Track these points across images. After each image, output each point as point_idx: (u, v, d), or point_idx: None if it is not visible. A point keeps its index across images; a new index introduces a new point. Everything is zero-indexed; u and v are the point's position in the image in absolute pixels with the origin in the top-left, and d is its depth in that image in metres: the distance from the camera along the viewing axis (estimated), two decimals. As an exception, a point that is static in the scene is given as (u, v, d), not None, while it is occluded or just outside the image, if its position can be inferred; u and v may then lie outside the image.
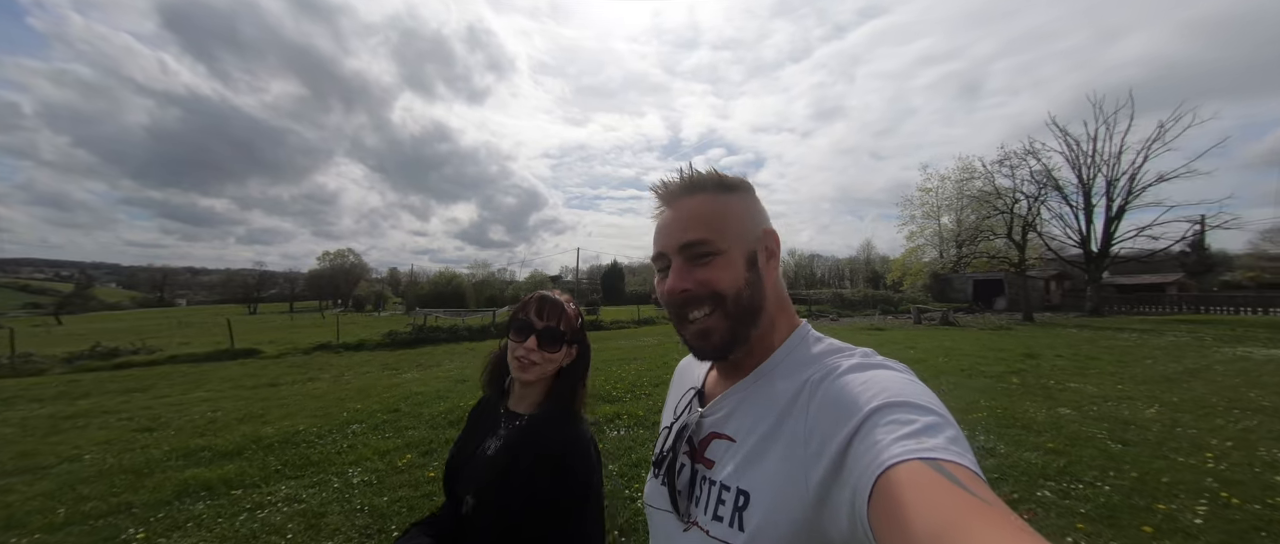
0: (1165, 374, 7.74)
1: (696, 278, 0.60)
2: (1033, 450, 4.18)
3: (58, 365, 10.30)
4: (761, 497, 0.53)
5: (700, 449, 0.64)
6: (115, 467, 4.04)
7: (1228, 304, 22.09)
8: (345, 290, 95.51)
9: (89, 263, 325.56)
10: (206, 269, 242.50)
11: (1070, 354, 9.95)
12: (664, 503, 0.65)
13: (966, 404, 5.78)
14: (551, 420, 1.03)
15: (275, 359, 11.83)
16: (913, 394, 0.47)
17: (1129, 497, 3.31)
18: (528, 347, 1.01)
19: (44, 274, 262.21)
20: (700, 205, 0.62)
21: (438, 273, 66.31)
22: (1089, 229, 22.17)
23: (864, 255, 75.51)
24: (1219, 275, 37.04)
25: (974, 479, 0.37)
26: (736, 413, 0.62)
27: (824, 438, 0.49)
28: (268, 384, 8.27)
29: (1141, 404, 5.76)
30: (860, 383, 0.51)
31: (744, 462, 0.57)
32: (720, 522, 0.56)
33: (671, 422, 0.72)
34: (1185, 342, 11.87)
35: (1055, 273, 28.92)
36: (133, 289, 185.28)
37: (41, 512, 3.23)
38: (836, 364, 0.56)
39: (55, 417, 6.03)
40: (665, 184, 0.64)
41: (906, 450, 0.40)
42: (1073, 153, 22.10)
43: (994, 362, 9.03)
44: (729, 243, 0.60)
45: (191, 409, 6.32)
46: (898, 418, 0.44)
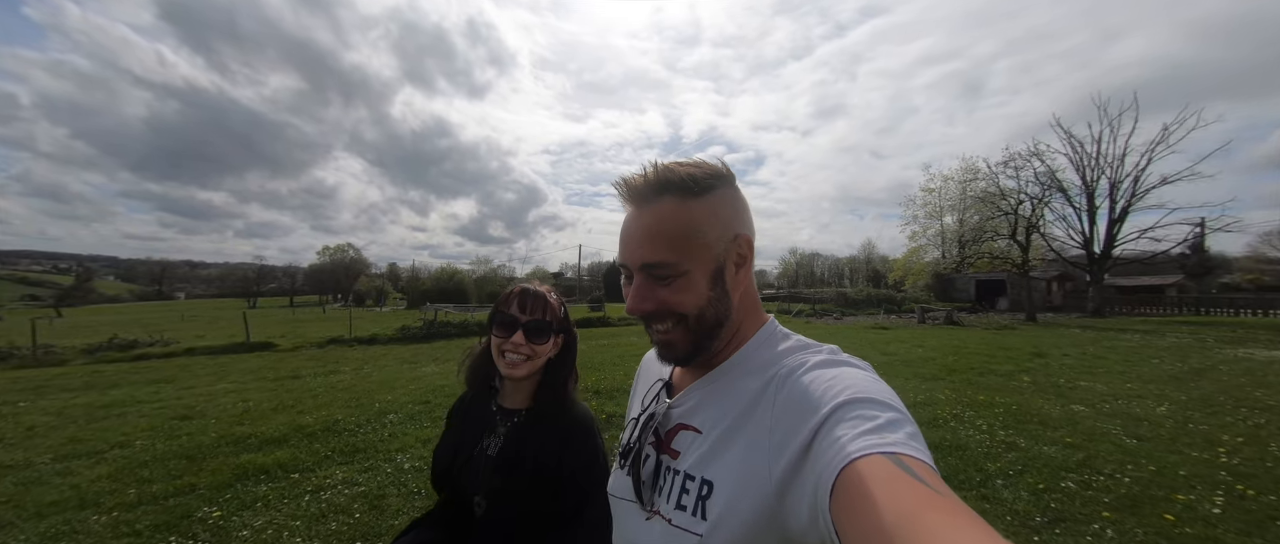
0: (1172, 374, 7.90)
1: (658, 297, 0.59)
2: (1051, 445, 4.34)
3: (78, 357, 10.42)
4: (724, 486, 0.54)
5: (666, 440, 0.64)
6: (167, 452, 4.18)
7: (1228, 306, 22.29)
8: (345, 285, 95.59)
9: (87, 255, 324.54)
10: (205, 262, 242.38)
11: (1077, 354, 10.12)
12: (628, 493, 0.65)
13: (984, 400, 5.93)
14: (551, 414, 1.03)
15: (290, 352, 11.95)
16: (875, 391, 0.48)
17: (1148, 488, 3.46)
18: (515, 341, 1.00)
19: (42, 266, 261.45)
20: (664, 217, 0.58)
21: (439, 268, 66.50)
22: (1092, 230, 22.36)
23: (865, 255, 75.71)
24: (1218, 278, 37.28)
25: (930, 473, 0.39)
26: (703, 405, 0.62)
27: (788, 431, 0.50)
28: (290, 376, 8.41)
29: (1152, 402, 5.92)
30: (826, 379, 0.51)
31: (709, 452, 0.57)
32: (683, 510, 0.56)
33: (638, 413, 0.72)
34: (1188, 343, 12.03)
35: (1057, 274, 29.14)
36: (131, 282, 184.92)
37: (111, 492, 3.37)
38: (803, 360, 0.56)
39: (91, 406, 6.16)
40: (629, 184, 0.60)
41: (868, 445, 0.41)
42: (1077, 154, 22.27)
43: (1003, 360, 9.19)
44: (692, 262, 0.58)
45: (221, 399, 6.46)
46: (861, 413, 0.45)
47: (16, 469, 3.87)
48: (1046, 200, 22.20)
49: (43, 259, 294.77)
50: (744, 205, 0.63)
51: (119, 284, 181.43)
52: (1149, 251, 21.88)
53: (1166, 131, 20.51)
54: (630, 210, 0.61)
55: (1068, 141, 22.31)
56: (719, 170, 0.61)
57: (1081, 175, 22.24)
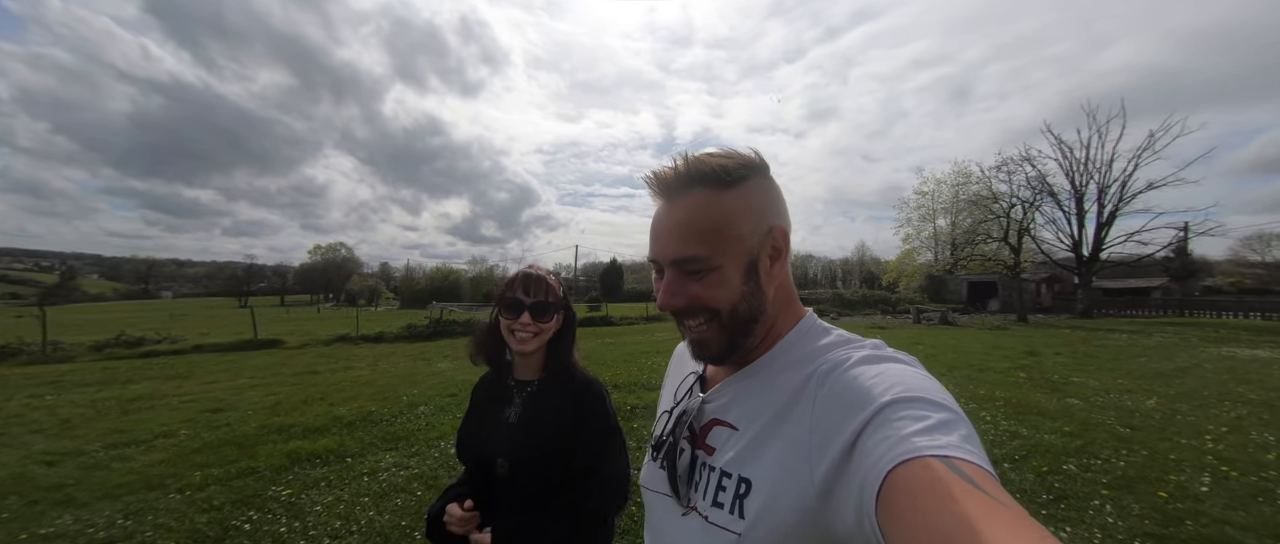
0: (1159, 370, 8.27)
1: (690, 293, 0.58)
2: (1051, 433, 4.63)
3: (86, 353, 10.44)
4: (763, 485, 0.52)
5: (701, 435, 0.63)
6: (214, 440, 4.35)
7: (1210, 308, 23.00)
8: (337, 285, 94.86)
9: (70, 253, 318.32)
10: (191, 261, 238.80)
11: (1068, 352, 10.50)
12: (662, 487, 0.64)
13: (983, 395, 6.24)
14: (560, 380, 1.15)
15: (298, 350, 12.03)
16: (926, 389, 0.46)
17: (1142, 471, 3.76)
18: (522, 322, 1.10)
19: (23, 264, 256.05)
20: (696, 210, 0.57)
21: (434, 268, 66.13)
22: (1081, 234, 22.96)
23: (858, 256, 76.60)
24: (1201, 280, 38.29)
25: (988, 479, 0.37)
26: (739, 400, 0.60)
27: (831, 430, 0.48)
28: (307, 372, 8.53)
29: (1141, 396, 6.26)
30: (871, 376, 0.49)
31: (746, 449, 0.56)
32: (720, 508, 0.55)
33: (671, 406, 0.70)
34: (1173, 342, 12.49)
35: (1046, 276, 29.83)
36: (115, 281, 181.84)
37: (173, 475, 3.54)
38: (846, 356, 0.54)
39: (119, 399, 6.28)
40: (659, 178, 0.59)
41: (919, 447, 0.39)
42: (1066, 160, 22.88)
43: (999, 358, 9.54)
44: (725, 256, 0.57)
45: (246, 393, 6.59)
46: (911, 413, 0.43)
47: (72, 456, 4.03)
48: (1037, 204, 22.79)
49: (24, 256, 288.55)
50: (778, 196, 0.61)
51: (103, 282, 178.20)
52: (1136, 255, 22.52)
53: (1153, 138, 21.17)
54: (661, 204, 0.60)
55: (1058, 147, 22.94)
56: (752, 160, 0.59)
57: (1071, 180, 22.87)
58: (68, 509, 3.06)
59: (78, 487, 3.39)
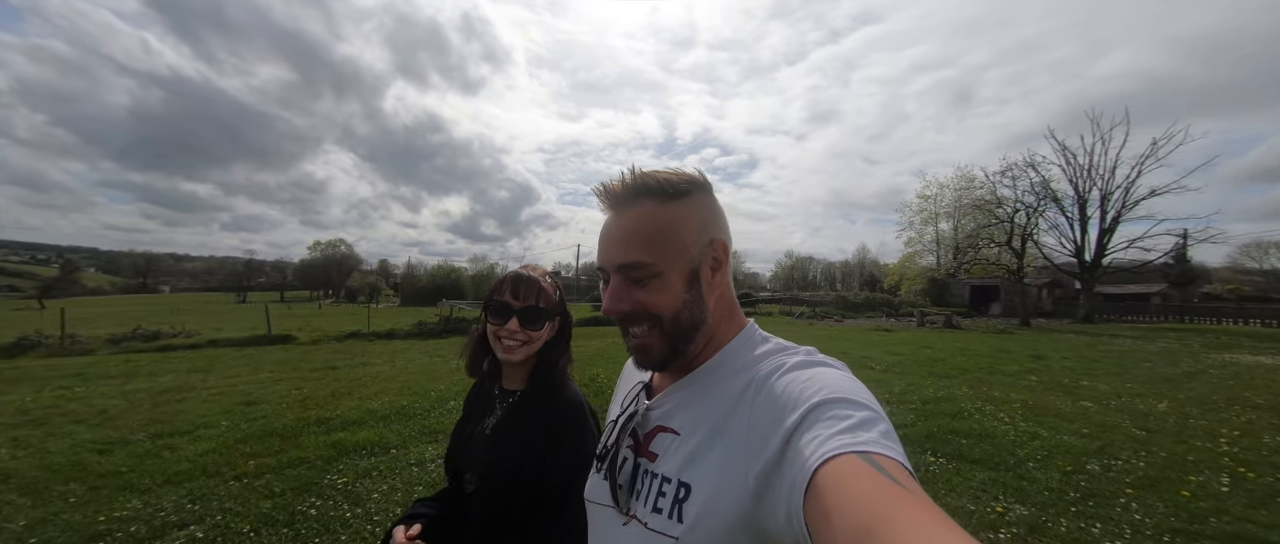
0: (1166, 376, 8.40)
1: (634, 299, 0.60)
2: (1070, 435, 4.76)
3: (103, 346, 10.51)
4: (702, 489, 0.54)
5: (645, 442, 0.64)
6: (256, 432, 4.45)
7: (1210, 315, 23.21)
8: (337, 281, 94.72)
9: (67, 246, 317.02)
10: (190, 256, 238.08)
11: (1075, 356, 10.63)
12: (604, 498, 0.64)
13: (998, 396, 6.36)
14: (542, 394, 1.03)
15: (311, 345, 12.12)
16: (849, 391, 0.49)
17: (1163, 471, 3.88)
18: (510, 329, 0.99)
19: (19, 256, 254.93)
20: (641, 219, 0.60)
21: (436, 266, 66.07)
22: (1084, 239, 23.15)
23: (859, 259, 76.83)
24: (1199, 287, 38.56)
25: (902, 471, 0.39)
26: (683, 407, 0.62)
27: (765, 433, 0.50)
28: (326, 367, 8.63)
29: (1152, 400, 6.38)
30: (802, 381, 0.52)
31: (688, 456, 0.57)
32: (659, 513, 0.56)
33: (618, 415, 0.71)
34: (1176, 348, 12.63)
35: (1047, 281, 30.02)
36: (113, 274, 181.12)
37: (227, 464, 3.65)
38: (781, 362, 0.57)
39: (149, 391, 6.37)
40: (608, 190, 0.62)
41: (841, 445, 0.41)
42: (1070, 166, 23.06)
43: (1006, 362, 9.66)
44: (668, 263, 0.59)
45: (272, 387, 6.69)
46: (835, 413, 0.45)
47: (120, 445, 4.12)
48: (1041, 210, 22.97)
49: (20, 249, 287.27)
50: (720, 212, 0.64)
51: (101, 276, 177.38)
52: (1138, 260, 22.70)
53: (1155, 146, 21.35)
54: (609, 214, 0.63)
55: (1062, 153, 23.12)
56: (695, 178, 0.63)
57: (1074, 186, 23.05)
58: (132, 495, 3.16)
59: (134, 474, 3.49)
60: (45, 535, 2.66)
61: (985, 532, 2.89)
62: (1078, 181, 22.99)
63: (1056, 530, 2.92)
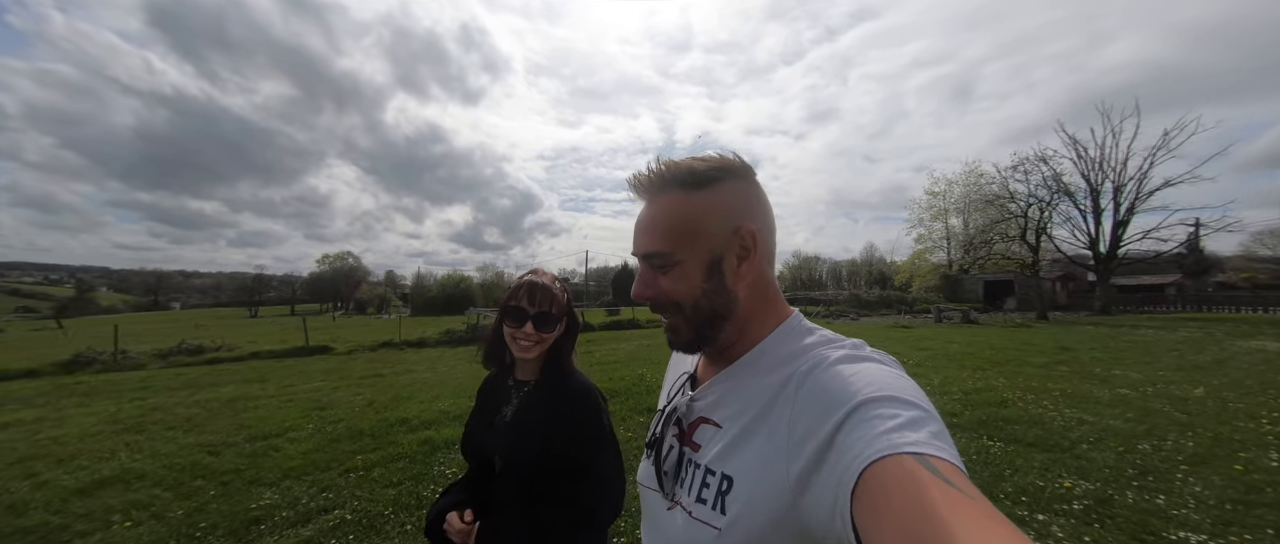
0: (1195, 363, 8.53)
1: (657, 286, 0.62)
2: (1115, 419, 4.95)
3: (153, 361, 10.87)
4: (744, 482, 0.54)
5: (689, 432, 0.65)
6: (343, 433, 4.73)
7: (1226, 303, 23.18)
8: (346, 293, 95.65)
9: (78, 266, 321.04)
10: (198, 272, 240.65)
11: (1101, 347, 10.75)
12: (652, 482, 0.67)
13: (1036, 386, 6.55)
14: (556, 381, 1.16)
15: (347, 356, 12.43)
16: (899, 388, 0.48)
17: (1211, 449, 4.07)
18: (526, 331, 1.11)
19: (33, 277, 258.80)
20: (665, 209, 0.61)
21: (445, 276, 66.67)
22: (1098, 231, 23.22)
23: (866, 257, 76.80)
24: (1212, 276, 38.33)
25: (957, 474, 0.38)
26: (724, 399, 0.62)
27: (809, 428, 0.49)
28: (373, 375, 8.92)
29: (1187, 386, 6.54)
30: (848, 375, 0.51)
31: (729, 447, 0.57)
32: (703, 504, 0.57)
33: (664, 405, 0.74)
34: (1199, 337, 12.70)
35: (1061, 274, 30.03)
36: (125, 292, 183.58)
37: (333, 460, 3.92)
38: (825, 355, 0.56)
39: (220, 400, 6.68)
40: (637, 180, 0.64)
41: (891, 445, 0.40)
42: (1082, 159, 23.20)
43: (1034, 354, 9.81)
44: (687, 253, 0.60)
45: (334, 394, 6.98)
46: (883, 412, 0.44)
47: (224, 447, 4.41)
48: (1055, 204, 23.08)
49: (33, 270, 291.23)
50: (756, 199, 0.63)
51: (113, 295, 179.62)
52: (1153, 251, 22.74)
53: (1167, 137, 21.48)
54: (641, 207, 0.64)
55: (1073, 146, 23.27)
56: (727, 163, 0.62)
57: (1086, 179, 23.17)
58: (262, 488, 3.44)
59: (253, 470, 3.77)
60: (208, 522, 2.94)
61: (1057, 503, 3.10)
62: (1090, 174, 23.13)
63: (1124, 502, 3.13)
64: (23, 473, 3.83)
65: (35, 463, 4.07)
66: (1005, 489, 3.31)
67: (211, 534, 2.81)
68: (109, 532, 2.86)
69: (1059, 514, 2.98)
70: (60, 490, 3.44)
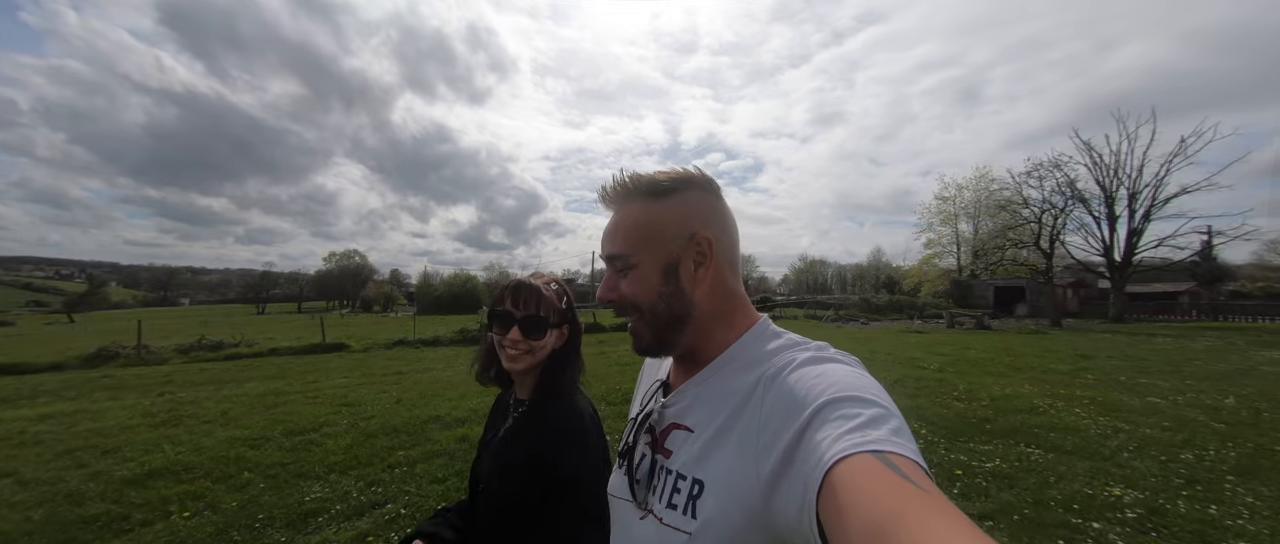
0: (1219, 373, 8.44)
1: (619, 289, 0.65)
2: (1151, 428, 4.90)
3: (174, 356, 10.98)
4: (715, 486, 0.54)
5: (661, 439, 0.65)
6: (377, 429, 4.77)
7: (1240, 313, 22.89)
8: (352, 292, 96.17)
9: (88, 261, 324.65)
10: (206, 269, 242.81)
11: (1120, 355, 10.65)
12: (624, 492, 0.66)
13: (1064, 393, 6.50)
14: (544, 404, 1.02)
15: (364, 353, 12.51)
16: (860, 388, 0.49)
17: (1255, 459, 4.03)
18: (512, 338, 0.99)
19: (44, 272, 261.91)
20: (628, 215, 0.64)
21: (452, 275, 66.91)
22: (1113, 238, 23.04)
23: (873, 262, 76.53)
24: (1225, 285, 37.88)
25: (916, 469, 0.39)
26: (696, 404, 0.63)
27: (776, 431, 0.50)
28: (393, 372, 8.97)
29: (1217, 395, 6.47)
30: (812, 377, 0.52)
31: (701, 452, 0.58)
32: (674, 510, 0.57)
33: (636, 413, 0.74)
34: (1220, 346, 12.55)
35: (1072, 281, 29.78)
36: (134, 288, 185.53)
37: (375, 456, 3.95)
38: (791, 358, 0.57)
39: (248, 396, 6.74)
40: (604, 192, 0.67)
41: (853, 444, 0.41)
42: (1097, 166, 23.04)
43: (1054, 361, 9.73)
44: (644, 256, 0.62)
45: (357, 391, 7.02)
46: (845, 412, 0.45)
47: (264, 441, 4.46)
48: (1069, 210, 22.91)
49: (45, 265, 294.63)
50: (714, 209, 0.65)
51: (123, 290, 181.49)
52: (1168, 259, 22.52)
53: (1184, 144, 21.27)
54: (609, 215, 0.68)
55: (1087, 153, 23.11)
56: (688, 176, 0.65)
57: (1101, 186, 22.99)
58: (310, 481, 3.48)
59: (297, 464, 3.81)
60: (264, 514, 2.97)
61: (1109, 512, 3.08)
62: (1104, 181, 22.95)
63: (1176, 511, 3.10)
64: (72, 463, 3.89)
65: (82, 454, 4.13)
66: (1054, 496, 3.29)
67: (270, 526, 2.84)
68: (169, 521, 2.90)
69: (1114, 523, 2.95)
70: (114, 481, 3.49)
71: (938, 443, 4.39)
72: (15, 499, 3.20)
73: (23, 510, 3.03)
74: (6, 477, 3.60)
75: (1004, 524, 2.95)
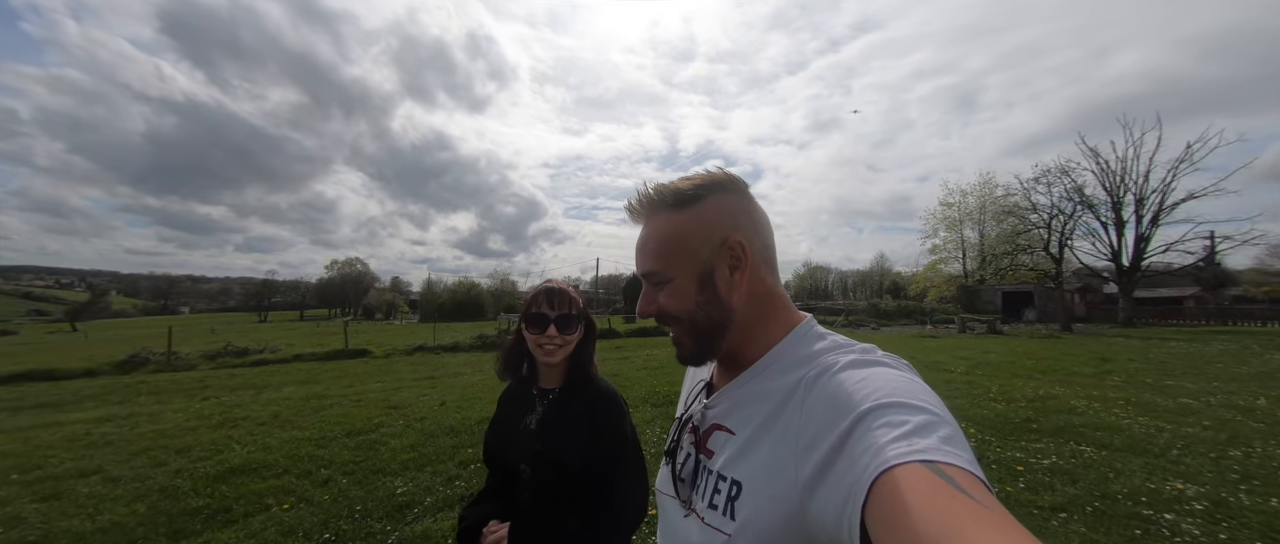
0: (1243, 375, 8.51)
1: (657, 303, 0.65)
2: (1192, 427, 4.99)
3: (202, 362, 11.05)
4: (753, 488, 0.54)
5: (703, 439, 0.66)
6: (436, 429, 4.86)
7: (1246, 317, 22.97)
8: (354, 299, 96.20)
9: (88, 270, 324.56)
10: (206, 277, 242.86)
11: (1140, 359, 10.70)
12: (669, 489, 0.68)
13: (1096, 395, 6.58)
14: (580, 388, 1.18)
15: (385, 360, 12.58)
16: (909, 393, 0.47)
17: (1304, 455, 4.11)
18: (549, 335, 1.14)
19: (44, 281, 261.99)
20: (655, 230, 0.64)
21: (456, 282, 66.95)
22: (1120, 243, 23.20)
23: (876, 266, 76.74)
24: (1229, 290, 37.96)
25: (973, 482, 0.37)
26: (737, 406, 0.63)
27: (816, 435, 0.49)
28: (426, 377, 9.05)
29: (1247, 397, 6.55)
30: (856, 381, 0.51)
31: (739, 453, 0.58)
32: (715, 510, 0.58)
33: (681, 413, 0.76)
34: (1235, 349, 12.59)
35: (1079, 286, 29.89)
36: (134, 297, 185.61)
37: (444, 454, 4.05)
38: (835, 360, 0.56)
39: (291, 399, 6.82)
40: (630, 206, 0.68)
41: (901, 453, 0.39)
42: (1104, 173, 23.26)
43: (1075, 364, 9.80)
44: (677, 269, 0.62)
45: (397, 394, 7.10)
46: (892, 419, 0.44)
47: (328, 441, 4.55)
48: (1078, 216, 23.10)
49: (45, 274, 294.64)
50: (743, 210, 0.64)
51: (123, 299, 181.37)
52: (1177, 264, 22.66)
53: (1191, 150, 21.50)
54: (639, 229, 0.68)
55: (1094, 158, 23.35)
56: (712, 179, 0.65)
57: (1108, 191, 23.20)
58: (388, 477, 3.57)
59: (370, 462, 3.89)
60: (360, 507, 3.07)
61: (1177, 504, 3.17)
62: (1111, 186, 23.15)
63: (1239, 504, 3.19)
64: (150, 462, 3.98)
65: (156, 453, 4.22)
66: (1118, 491, 3.38)
67: (368, 517, 2.93)
68: (269, 513, 2.99)
69: (1184, 514, 3.04)
70: (200, 477, 3.58)
71: (991, 442, 4.48)
72: (113, 494, 3.30)
73: (125, 504, 3.13)
74: (94, 474, 3.70)
75: (1078, 516, 3.04)
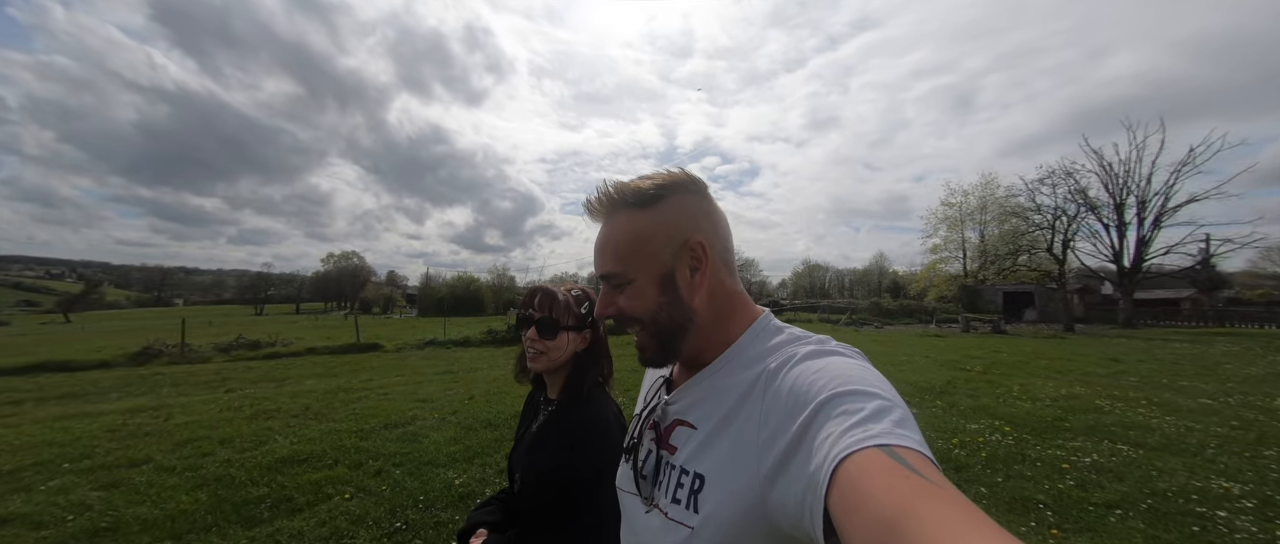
0: (1254, 375, 8.61)
1: (617, 304, 0.65)
2: (1221, 427, 5.05)
3: (216, 355, 10.98)
4: (716, 480, 0.55)
5: (665, 435, 0.66)
6: (475, 423, 4.86)
7: (1242, 319, 23.26)
8: (351, 293, 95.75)
9: (79, 261, 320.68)
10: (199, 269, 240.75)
11: (1149, 359, 10.81)
12: (630, 486, 0.68)
13: (1117, 395, 6.65)
14: (569, 403, 1.10)
15: (397, 354, 12.54)
16: (862, 381, 0.48)
17: (1335, 454, 4.18)
18: (530, 337, 1.08)
19: (34, 272, 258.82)
20: (615, 230, 0.64)
21: (455, 277, 66.65)
22: (1122, 245, 23.42)
23: (875, 265, 77.11)
24: (1223, 292, 38.40)
25: (923, 461, 0.39)
26: (699, 401, 0.63)
27: (777, 426, 0.50)
28: (444, 371, 9.03)
29: (1264, 397, 6.63)
30: (813, 371, 0.52)
31: (701, 447, 0.59)
32: (678, 504, 0.58)
33: (641, 409, 0.74)
34: (1238, 350, 12.75)
35: (1078, 287, 30.16)
36: (126, 288, 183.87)
37: (490, 447, 4.08)
38: (793, 352, 0.57)
39: (314, 392, 6.80)
40: (589, 204, 0.66)
41: (857, 440, 0.41)
42: (1107, 175, 23.45)
43: (1087, 365, 9.88)
44: (638, 270, 0.62)
45: (423, 388, 7.09)
46: (849, 407, 0.45)
47: (368, 433, 4.54)
48: (1081, 217, 23.30)
49: (35, 265, 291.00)
50: (702, 211, 0.65)
51: (116, 291, 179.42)
52: (1178, 266, 22.91)
53: (1193, 153, 21.70)
54: (598, 228, 0.67)
55: (1097, 160, 23.53)
56: (673, 179, 0.64)
57: (1111, 193, 23.40)
58: (443, 469, 3.58)
59: (417, 454, 3.90)
60: (424, 496, 3.08)
61: (1227, 502, 3.22)
62: (1114, 188, 23.34)
63: (1288, 502, 3.24)
64: (197, 452, 3.96)
65: (201, 444, 4.20)
66: (1166, 488, 3.42)
67: (434, 506, 2.93)
68: (331, 503, 2.99)
69: (1237, 512, 3.09)
70: (253, 468, 3.57)
71: (1028, 440, 4.52)
72: (169, 483, 3.28)
73: (186, 492, 3.12)
74: (145, 464, 3.68)
75: (1134, 512, 3.08)
